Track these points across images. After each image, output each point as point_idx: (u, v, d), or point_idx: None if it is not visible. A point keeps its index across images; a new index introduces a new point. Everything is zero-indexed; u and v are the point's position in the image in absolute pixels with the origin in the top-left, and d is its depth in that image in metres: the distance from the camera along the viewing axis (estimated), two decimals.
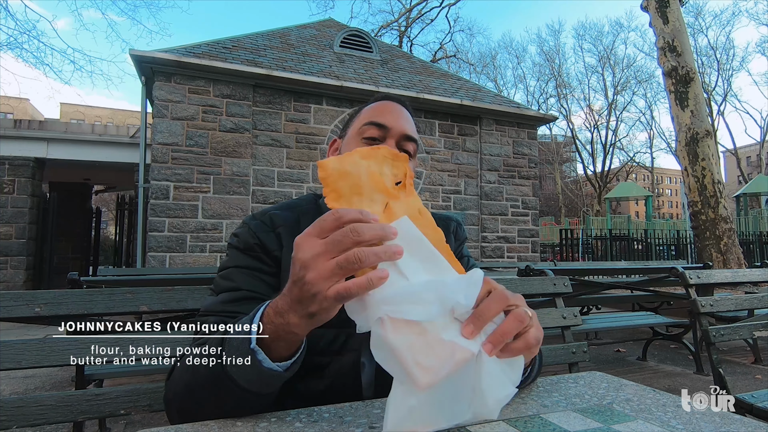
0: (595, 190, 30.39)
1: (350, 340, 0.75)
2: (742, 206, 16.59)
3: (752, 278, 2.09)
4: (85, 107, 33.63)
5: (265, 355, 0.54)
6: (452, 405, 0.50)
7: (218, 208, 6.34)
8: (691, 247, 10.30)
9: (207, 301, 0.75)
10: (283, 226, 0.79)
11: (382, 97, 0.91)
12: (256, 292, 0.73)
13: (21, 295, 0.93)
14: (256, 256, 0.76)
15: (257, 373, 0.55)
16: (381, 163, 0.58)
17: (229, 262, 0.78)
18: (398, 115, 0.87)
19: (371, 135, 0.84)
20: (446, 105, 7.76)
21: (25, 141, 8.05)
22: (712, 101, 27.77)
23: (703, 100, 7.46)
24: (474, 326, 0.50)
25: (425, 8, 22.88)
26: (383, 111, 0.87)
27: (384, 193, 0.56)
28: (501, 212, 8.21)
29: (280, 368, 0.55)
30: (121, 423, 2.45)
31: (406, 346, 0.47)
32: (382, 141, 0.84)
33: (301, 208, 0.85)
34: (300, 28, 9.11)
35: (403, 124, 0.86)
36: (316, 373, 0.73)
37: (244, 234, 0.78)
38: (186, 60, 6.18)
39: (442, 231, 0.88)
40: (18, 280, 7.64)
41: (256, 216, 0.81)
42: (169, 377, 0.67)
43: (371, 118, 0.85)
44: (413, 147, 0.88)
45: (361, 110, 0.90)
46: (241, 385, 0.55)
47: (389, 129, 0.84)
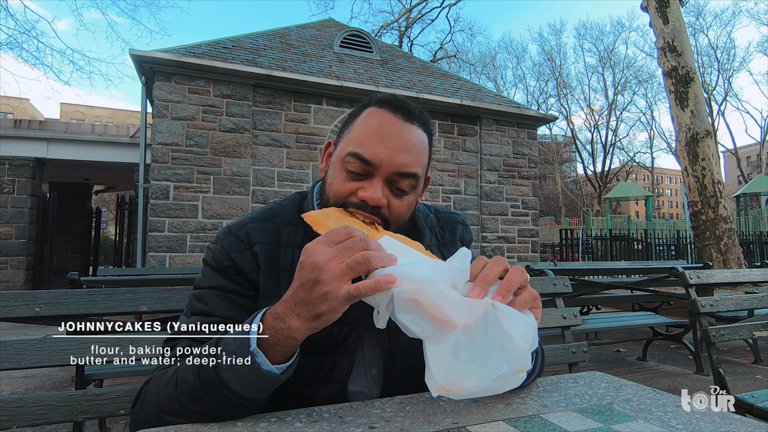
0: (595, 190, 30.39)
1: (335, 369, 0.71)
2: (742, 206, 16.58)
3: (752, 278, 2.09)
4: (85, 107, 33.63)
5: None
6: (487, 359, 0.53)
7: (218, 208, 6.34)
8: (691, 247, 10.30)
9: (178, 322, 0.70)
10: (260, 243, 0.72)
11: (386, 102, 0.74)
12: (230, 318, 0.66)
13: (21, 295, 0.93)
14: (230, 278, 0.70)
15: (255, 376, 0.54)
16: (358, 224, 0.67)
17: (203, 281, 0.72)
18: (395, 142, 0.70)
19: (354, 169, 0.70)
20: (446, 105, 7.77)
21: (25, 141, 8.04)
22: (712, 101, 27.76)
23: (703, 100, 7.46)
24: (480, 288, 0.55)
25: (425, 8, 22.89)
26: (376, 134, 0.70)
27: (364, 230, 0.62)
28: (501, 212, 8.21)
29: (277, 371, 0.55)
30: (121, 423, 2.45)
31: (432, 299, 0.51)
32: (364, 178, 0.71)
33: (282, 218, 0.76)
34: (300, 28, 9.11)
35: (399, 157, 0.70)
36: (301, 405, 0.66)
37: (218, 253, 0.72)
38: (186, 60, 6.18)
39: (449, 237, 0.89)
40: (18, 280, 7.64)
41: (233, 229, 0.73)
42: (135, 404, 0.64)
43: (358, 148, 0.70)
44: (407, 184, 0.72)
45: (358, 115, 0.76)
46: (235, 389, 0.54)
47: (377, 166, 0.69)
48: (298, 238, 0.74)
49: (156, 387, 0.61)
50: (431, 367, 0.51)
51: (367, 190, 0.69)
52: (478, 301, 0.53)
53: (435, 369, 0.51)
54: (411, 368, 0.73)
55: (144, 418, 0.61)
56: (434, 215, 0.89)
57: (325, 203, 0.76)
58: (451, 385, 0.51)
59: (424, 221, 0.85)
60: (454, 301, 0.51)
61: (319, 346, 0.70)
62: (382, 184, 0.70)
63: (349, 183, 0.71)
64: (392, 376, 0.74)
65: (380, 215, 0.70)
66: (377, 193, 0.69)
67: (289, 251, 0.73)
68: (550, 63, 33.23)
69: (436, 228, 0.87)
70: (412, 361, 0.72)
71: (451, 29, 30.96)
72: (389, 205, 0.71)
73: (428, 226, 0.86)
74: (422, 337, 0.52)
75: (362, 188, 0.70)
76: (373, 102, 0.75)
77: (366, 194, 0.69)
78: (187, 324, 0.66)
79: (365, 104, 0.76)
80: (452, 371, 0.50)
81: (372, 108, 0.74)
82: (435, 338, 0.51)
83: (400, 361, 0.74)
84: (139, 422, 0.61)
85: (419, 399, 0.61)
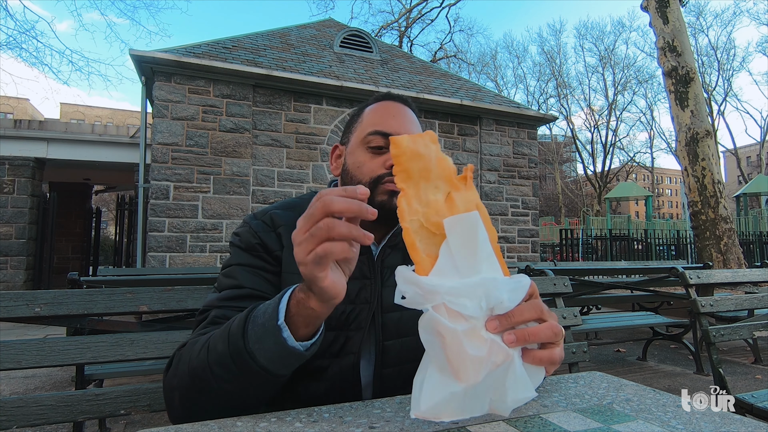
0: (595, 190, 30.39)
1: (348, 342, 0.75)
2: (742, 206, 16.58)
3: (752, 278, 2.09)
4: (85, 107, 33.65)
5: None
6: (473, 401, 0.51)
7: (218, 208, 6.34)
8: (691, 247, 10.30)
9: (208, 298, 0.76)
10: (283, 225, 0.79)
11: (383, 97, 0.88)
12: (258, 290, 0.74)
13: (21, 295, 0.93)
14: (258, 255, 0.77)
15: (280, 350, 0.56)
16: (430, 148, 0.58)
17: (231, 260, 0.78)
18: (402, 118, 0.84)
19: (377, 144, 0.81)
20: (446, 105, 7.76)
21: (25, 141, 8.04)
22: (712, 101, 27.77)
23: (703, 100, 7.46)
24: (500, 323, 0.50)
25: (425, 8, 22.90)
26: (386, 115, 0.84)
27: (448, 183, 0.57)
28: (501, 212, 8.21)
29: (301, 348, 0.57)
30: (121, 423, 2.45)
31: (454, 337, 0.48)
32: (387, 150, 0.81)
33: (302, 207, 0.83)
34: (300, 28, 9.11)
35: (409, 128, 0.83)
36: (315, 376, 0.74)
37: (246, 234, 0.79)
38: (186, 60, 6.18)
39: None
40: (18, 280, 7.64)
41: (257, 215, 0.82)
42: (168, 369, 0.66)
43: (375, 126, 0.82)
44: None
45: (362, 112, 0.87)
46: (261, 362, 0.56)
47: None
48: None
49: (189, 352, 0.64)
50: (423, 392, 0.50)
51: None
52: (500, 347, 0.50)
53: (425, 396, 0.50)
54: (406, 343, 0.78)
55: (178, 383, 0.63)
56: None
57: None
58: (431, 416, 0.50)
59: None
60: (476, 358, 0.49)
61: (332, 321, 0.75)
62: None
63: (376, 158, 0.81)
64: (389, 349, 0.78)
65: None
66: None
67: None
68: (550, 63, 33.26)
69: None
70: (410, 339, 0.77)
71: (450, 29, 31.00)
72: None
73: None
74: (431, 359, 0.51)
75: (387, 159, 0.79)
76: (375, 99, 0.88)
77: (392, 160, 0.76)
78: (218, 296, 0.73)
79: (368, 103, 0.88)
80: (440, 407, 0.50)
81: (376, 103, 0.87)
82: (440, 369, 0.50)
83: (394, 336, 0.79)
84: (173, 386, 0.64)
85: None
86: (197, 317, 0.74)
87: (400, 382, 0.77)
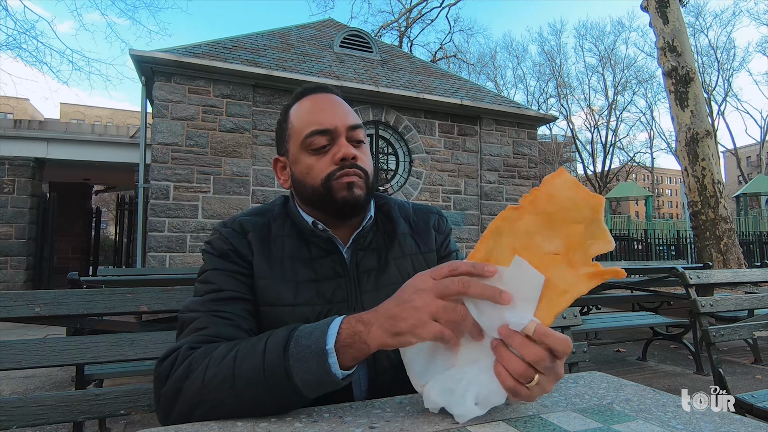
0: (595, 190, 30.37)
1: None
2: (742, 206, 16.57)
3: (752, 278, 2.09)
4: (86, 107, 33.65)
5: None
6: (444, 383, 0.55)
7: (218, 208, 6.34)
8: (691, 247, 10.29)
9: (188, 301, 0.74)
10: (252, 232, 0.79)
11: (302, 93, 0.84)
12: (237, 291, 0.73)
13: (21, 295, 0.93)
14: (232, 260, 0.77)
15: (322, 375, 0.55)
16: (581, 208, 0.51)
17: (206, 266, 0.78)
18: (333, 108, 0.80)
19: (319, 145, 0.78)
20: (446, 105, 7.76)
21: (25, 141, 8.04)
22: (712, 101, 27.76)
23: (703, 100, 7.46)
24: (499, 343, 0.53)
25: (425, 8, 22.88)
26: (315, 111, 0.80)
27: (568, 249, 0.52)
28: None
29: (340, 376, 0.56)
30: (121, 423, 2.44)
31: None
32: (331, 144, 0.78)
33: (272, 213, 0.84)
34: (300, 28, 9.11)
35: (343, 116, 0.80)
36: None
37: (217, 241, 0.79)
38: (186, 60, 6.18)
39: (422, 225, 0.91)
40: (18, 280, 7.64)
41: (227, 224, 0.81)
42: (167, 375, 0.62)
43: (310, 127, 0.78)
44: (361, 133, 0.82)
45: (288, 116, 0.83)
46: (295, 382, 0.55)
47: (334, 130, 0.78)
48: (286, 228, 0.82)
49: (205, 360, 0.60)
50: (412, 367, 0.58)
51: (340, 150, 0.77)
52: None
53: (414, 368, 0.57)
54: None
55: (187, 391, 0.59)
56: (411, 208, 0.95)
57: (309, 198, 0.80)
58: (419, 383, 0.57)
59: (399, 212, 0.91)
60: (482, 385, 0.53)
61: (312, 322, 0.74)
62: (345, 142, 0.78)
63: (322, 158, 0.78)
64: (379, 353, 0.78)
65: (360, 168, 0.78)
66: (349, 149, 0.77)
67: (279, 239, 0.80)
68: (550, 63, 33.25)
69: (411, 217, 0.92)
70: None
71: (450, 29, 30.98)
72: (359, 158, 0.79)
73: (403, 216, 0.91)
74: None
75: (334, 153, 0.77)
76: (294, 98, 0.85)
77: (341, 152, 0.77)
78: (200, 302, 0.71)
79: (289, 105, 0.85)
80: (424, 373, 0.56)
81: (294, 104, 0.83)
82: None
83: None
84: (176, 390, 0.60)
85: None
86: (179, 321, 0.72)
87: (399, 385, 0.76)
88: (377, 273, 0.81)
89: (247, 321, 0.72)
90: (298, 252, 0.79)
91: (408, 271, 0.83)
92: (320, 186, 0.77)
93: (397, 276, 0.82)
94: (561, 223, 0.52)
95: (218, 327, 0.68)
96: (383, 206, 0.90)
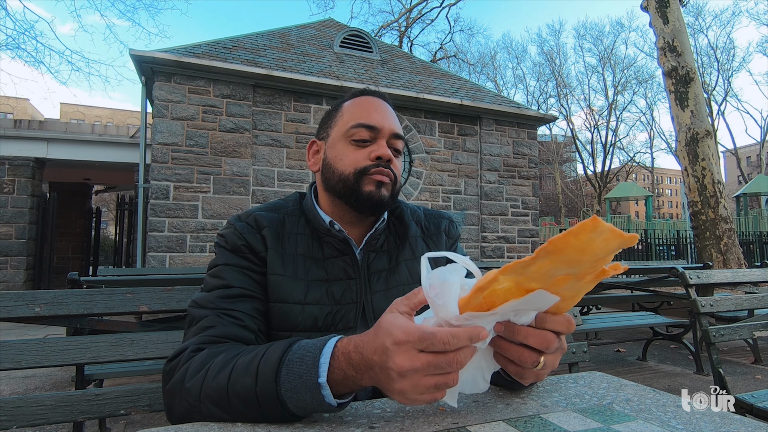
0: (595, 190, 30.38)
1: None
2: (742, 206, 16.58)
3: (752, 278, 2.09)
4: (86, 107, 33.62)
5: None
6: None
7: (218, 208, 6.34)
8: (691, 247, 10.29)
9: (196, 296, 0.74)
10: (267, 227, 0.80)
11: (361, 92, 0.87)
12: (247, 289, 0.74)
13: (21, 295, 0.93)
14: (244, 256, 0.77)
15: (315, 405, 0.54)
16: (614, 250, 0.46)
17: (217, 260, 0.78)
18: (385, 112, 0.84)
19: (361, 137, 0.81)
20: (446, 105, 7.76)
21: (25, 141, 8.04)
22: (712, 101, 27.76)
23: (703, 100, 7.46)
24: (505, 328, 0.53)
25: (425, 8, 22.88)
26: (368, 109, 0.83)
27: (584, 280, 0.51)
28: (501, 212, 8.21)
29: (335, 403, 0.55)
30: (121, 423, 2.44)
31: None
32: (372, 142, 0.81)
33: (286, 209, 0.85)
34: (300, 28, 9.11)
35: (392, 122, 0.83)
36: None
37: (231, 235, 0.79)
38: (186, 60, 6.18)
39: (433, 229, 0.92)
40: (18, 280, 7.64)
41: (242, 217, 0.82)
42: (170, 376, 0.63)
43: (359, 120, 0.81)
44: (402, 144, 0.86)
45: (341, 107, 0.86)
46: (290, 409, 0.54)
47: (379, 129, 0.81)
48: (300, 226, 0.83)
49: (204, 367, 0.60)
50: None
51: (379, 149, 0.81)
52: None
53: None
54: None
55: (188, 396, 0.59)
56: (422, 212, 0.96)
57: (334, 185, 0.81)
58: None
59: (410, 215, 0.93)
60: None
61: (320, 323, 0.76)
62: (385, 144, 0.82)
63: (360, 150, 0.81)
64: None
65: (391, 170, 0.81)
66: (387, 150, 0.81)
67: (293, 237, 0.81)
68: (549, 63, 33.25)
69: (422, 221, 0.93)
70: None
71: (450, 29, 30.98)
72: (393, 162, 0.82)
73: (414, 220, 0.92)
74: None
75: (372, 150, 0.81)
76: (353, 94, 0.88)
77: (379, 152, 0.80)
78: (209, 298, 0.72)
79: (346, 98, 0.88)
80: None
81: (355, 98, 0.86)
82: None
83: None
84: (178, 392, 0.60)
85: None
86: (188, 316, 0.72)
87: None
88: (388, 274, 0.83)
89: (255, 320, 0.73)
90: (310, 251, 0.80)
91: (419, 273, 0.83)
92: (351, 175, 0.79)
93: (407, 277, 0.83)
94: (589, 266, 0.48)
95: (225, 327, 0.69)
96: (395, 209, 0.92)
